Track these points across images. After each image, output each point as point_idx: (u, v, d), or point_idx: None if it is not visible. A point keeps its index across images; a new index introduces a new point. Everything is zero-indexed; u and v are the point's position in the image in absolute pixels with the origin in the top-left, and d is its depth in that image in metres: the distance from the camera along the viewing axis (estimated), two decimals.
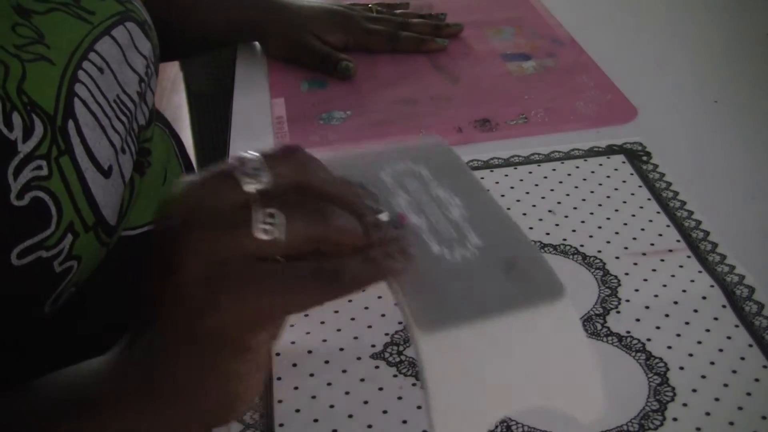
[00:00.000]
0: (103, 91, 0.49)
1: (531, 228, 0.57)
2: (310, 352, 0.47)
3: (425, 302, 0.32)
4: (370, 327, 0.49)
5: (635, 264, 0.53)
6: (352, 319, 0.50)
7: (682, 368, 0.46)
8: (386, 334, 0.48)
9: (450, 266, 0.34)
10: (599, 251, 0.54)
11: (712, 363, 0.46)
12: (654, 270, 0.52)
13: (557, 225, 0.57)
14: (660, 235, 0.55)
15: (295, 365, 0.46)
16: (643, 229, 0.56)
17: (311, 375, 0.46)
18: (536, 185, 0.62)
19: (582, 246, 0.55)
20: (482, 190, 0.39)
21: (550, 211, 0.59)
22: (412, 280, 0.33)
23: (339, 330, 0.49)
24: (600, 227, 0.57)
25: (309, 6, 0.82)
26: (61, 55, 0.47)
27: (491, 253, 0.35)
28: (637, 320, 0.49)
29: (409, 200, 0.38)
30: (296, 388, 0.45)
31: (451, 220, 0.36)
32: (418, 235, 0.35)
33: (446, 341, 0.31)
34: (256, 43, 0.84)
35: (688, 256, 0.53)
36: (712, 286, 0.51)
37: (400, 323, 0.49)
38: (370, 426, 0.43)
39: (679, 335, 0.48)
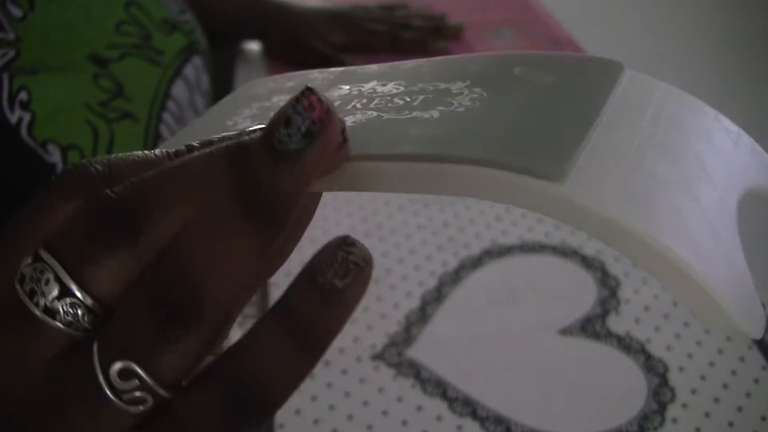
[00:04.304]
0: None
1: (530, 229, 0.57)
2: None
3: (523, 150, 0.20)
4: (370, 328, 0.49)
5: (634, 265, 0.53)
6: (352, 320, 0.50)
7: (681, 369, 0.46)
8: (386, 335, 0.49)
9: (479, 110, 0.22)
10: (598, 252, 0.54)
11: (712, 364, 0.46)
12: None
13: (556, 226, 0.57)
14: None
15: None
16: None
17: (311, 376, 0.46)
18: None
19: (581, 247, 0.55)
20: (392, 65, 0.27)
21: None
22: (466, 143, 0.21)
23: None
24: None
25: (310, 7, 0.82)
26: (142, 108, 0.48)
27: (496, 81, 0.24)
28: (637, 321, 0.49)
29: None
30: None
31: (399, 93, 0.24)
32: (382, 121, 0.23)
33: (591, 167, 0.20)
34: (256, 44, 0.85)
35: None
36: None
37: (399, 323, 0.49)
38: (370, 427, 0.43)
39: (678, 336, 0.48)
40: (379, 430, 0.43)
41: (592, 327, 0.49)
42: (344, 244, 0.19)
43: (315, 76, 0.28)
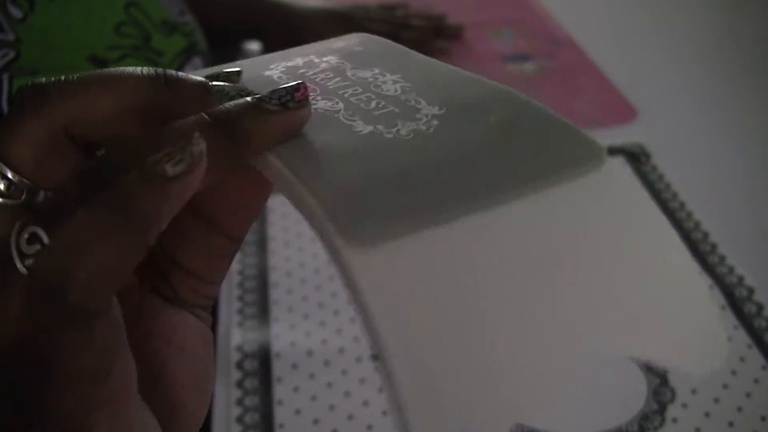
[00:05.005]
0: None
1: None
2: (310, 353, 0.47)
3: (350, 199, 0.20)
4: None
5: None
6: (352, 320, 0.50)
7: None
8: None
9: (391, 146, 0.22)
10: None
11: None
12: None
13: None
14: None
15: (294, 366, 0.47)
16: None
17: (311, 376, 0.46)
18: None
19: None
20: (437, 63, 0.27)
21: None
22: (320, 169, 0.21)
23: (339, 331, 0.49)
24: None
25: (311, 8, 0.82)
26: None
27: (464, 119, 0.23)
28: None
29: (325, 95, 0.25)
30: (296, 389, 0.45)
31: (387, 96, 0.25)
32: (329, 118, 0.23)
33: (403, 259, 0.19)
34: (257, 43, 0.85)
35: None
36: (711, 286, 0.51)
37: None
38: (369, 427, 0.43)
39: None
40: (379, 430, 0.43)
41: None
42: (187, 138, 0.20)
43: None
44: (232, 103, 0.21)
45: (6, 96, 0.41)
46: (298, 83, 0.22)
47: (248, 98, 0.22)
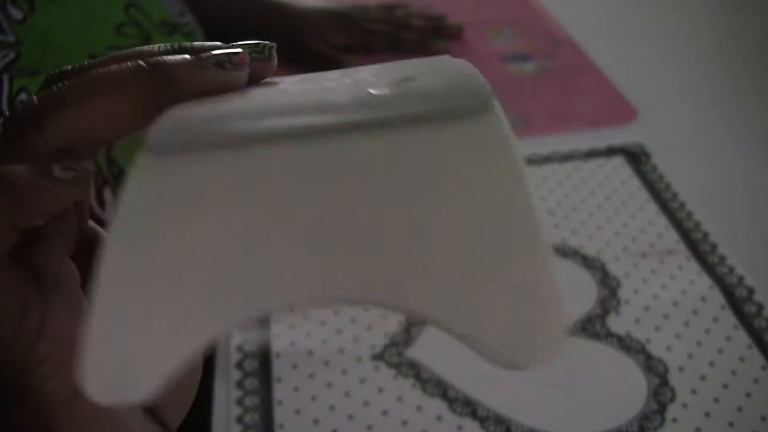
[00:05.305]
0: None
1: None
2: (310, 353, 0.47)
3: (180, 122, 0.21)
4: (369, 328, 0.49)
5: (635, 265, 0.53)
6: (352, 320, 0.50)
7: (681, 369, 0.46)
8: (386, 336, 0.49)
9: (279, 92, 0.23)
10: (599, 252, 0.54)
11: (712, 364, 0.46)
12: (653, 271, 0.52)
13: (557, 226, 0.57)
14: (659, 235, 0.55)
15: (295, 366, 0.47)
16: (642, 230, 0.56)
17: (311, 376, 0.46)
18: (536, 186, 0.62)
19: (581, 247, 0.55)
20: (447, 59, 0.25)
21: (550, 212, 0.59)
22: (190, 108, 0.22)
23: (339, 331, 0.49)
24: (599, 228, 0.57)
25: (311, 8, 0.82)
26: None
27: (376, 80, 0.22)
28: (637, 321, 0.49)
29: (300, 78, 0.25)
30: (296, 389, 0.45)
31: (351, 79, 0.23)
32: (274, 86, 0.24)
33: (186, 170, 0.19)
34: None
35: (688, 257, 0.53)
36: (711, 287, 0.51)
37: (400, 324, 0.49)
38: (370, 427, 0.43)
39: (678, 336, 0.48)
40: (379, 430, 0.43)
41: (592, 327, 0.49)
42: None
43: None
44: (171, 56, 0.23)
45: (6, 96, 0.41)
46: (237, 51, 0.24)
47: (186, 55, 0.23)
